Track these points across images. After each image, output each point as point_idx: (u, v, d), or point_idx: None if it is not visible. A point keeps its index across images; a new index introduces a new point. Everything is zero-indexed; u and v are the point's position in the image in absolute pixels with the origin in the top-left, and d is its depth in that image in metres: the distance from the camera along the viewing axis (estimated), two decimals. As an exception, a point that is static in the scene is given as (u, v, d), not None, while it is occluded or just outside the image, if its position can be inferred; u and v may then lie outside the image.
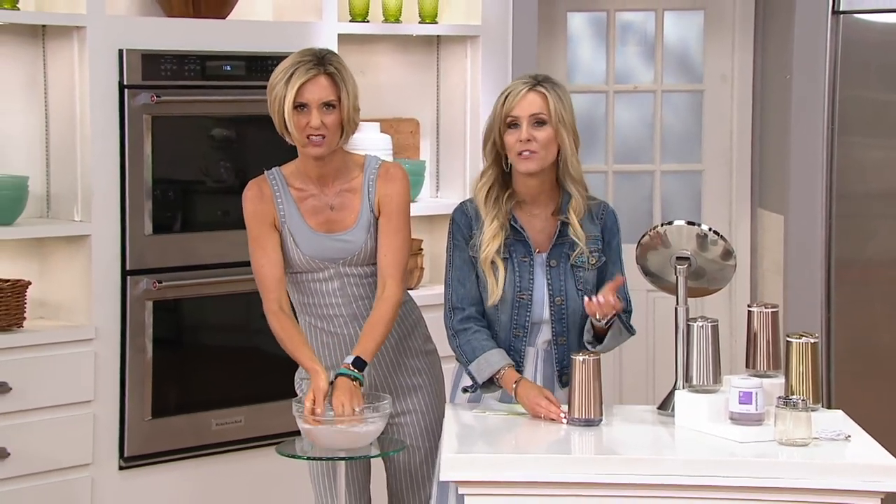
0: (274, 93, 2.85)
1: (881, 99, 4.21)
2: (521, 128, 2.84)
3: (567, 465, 2.54)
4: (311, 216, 2.91)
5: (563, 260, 2.88)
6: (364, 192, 2.93)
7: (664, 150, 4.80)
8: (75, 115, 3.53)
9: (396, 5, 4.09)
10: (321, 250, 2.90)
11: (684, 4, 4.76)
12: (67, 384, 3.47)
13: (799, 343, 2.72)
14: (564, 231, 2.89)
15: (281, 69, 2.85)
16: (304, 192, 2.93)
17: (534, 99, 2.84)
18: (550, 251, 2.89)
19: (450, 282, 2.92)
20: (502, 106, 2.85)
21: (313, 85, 2.83)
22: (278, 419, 3.70)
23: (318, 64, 2.85)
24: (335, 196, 2.93)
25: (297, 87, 2.81)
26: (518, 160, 2.85)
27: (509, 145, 2.85)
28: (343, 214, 2.92)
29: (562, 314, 2.87)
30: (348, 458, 3.09)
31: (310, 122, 2.83)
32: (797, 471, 2.50)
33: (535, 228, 2.90)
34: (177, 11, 3.71)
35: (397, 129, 4.23)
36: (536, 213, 2.90)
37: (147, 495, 3.62)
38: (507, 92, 2.86)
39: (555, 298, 2.87)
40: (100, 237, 3.53)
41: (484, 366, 2.84)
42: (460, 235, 2.92)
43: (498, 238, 2.85)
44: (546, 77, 2.90)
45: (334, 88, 2.86)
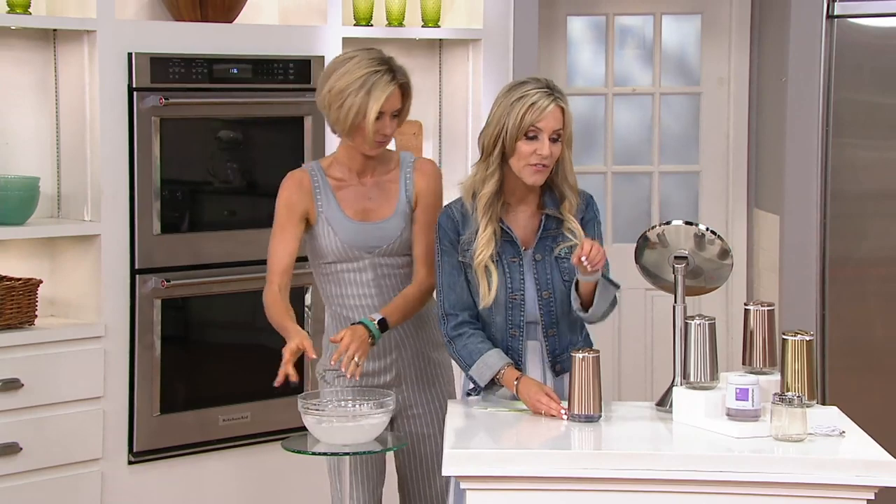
0: (349, 101, 2.93)
1: (874, 101, 4.25)
2: (542, 141, 2.82)
3: (567, 461, 2.57)
4: (348, 205, 3.01)
5: (548, 253, 2.90)
6: (402, 183, 3.04)
7: (662, 152, 4.84)
8: (85, 118, 3.57)
9: (400, 9, 4.13)
10: (358, 238, 3.00)
11: (682, 8, 4.80)
12: (78, 381, 3.51)
13: (794, 340, 2.72)
14: (548, 225, 2.91)
15: (354, 77, 2.94)
16: (343, 182, 3.03)
17: (558, 115, 2.83)
18: (535, 246, 2.91)
19: (441, 288, 2.95)
20: (524, 115, 2.81)
21: (392, 97, 2.97)
22: (284, 415, 3.75)
23: (394, 77, 2.97)
24: (373, 186, 3.03)
25: (381, 101, 2.93)
26: (528, 171, 2.84)
27: (523, 154, 2.83)
28: (380, 203, 3.03)
29: (550, 307, 2.89)
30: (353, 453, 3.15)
31: (383, 129, 2.96)
32: (793, 466, 2.53)
33: (519, 225, 2.92)
34: (185, 16, 3.75)
35: (400, 130, 4.23)
36: (521, 210, 2.92)
37: (155, 490, 3.66)
38: (531, 102, 2.81)
39: (542, 292, 2.89)
40: (109, 237, 3.57)
41: (483, 368, 2.87)
42: (447, 241, 2.93)
43: (492, 243, 2.86)
44: (555, 84, 2.88)
45: (404, 99, 3.00)
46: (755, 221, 4.69)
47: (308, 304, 3.90)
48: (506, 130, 2.84)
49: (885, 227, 4.28)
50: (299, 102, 3.85)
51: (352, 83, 2.94)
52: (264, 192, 3.90)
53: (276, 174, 3.88)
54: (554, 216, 2.92)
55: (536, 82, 2.87)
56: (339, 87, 2.94)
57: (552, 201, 2.93)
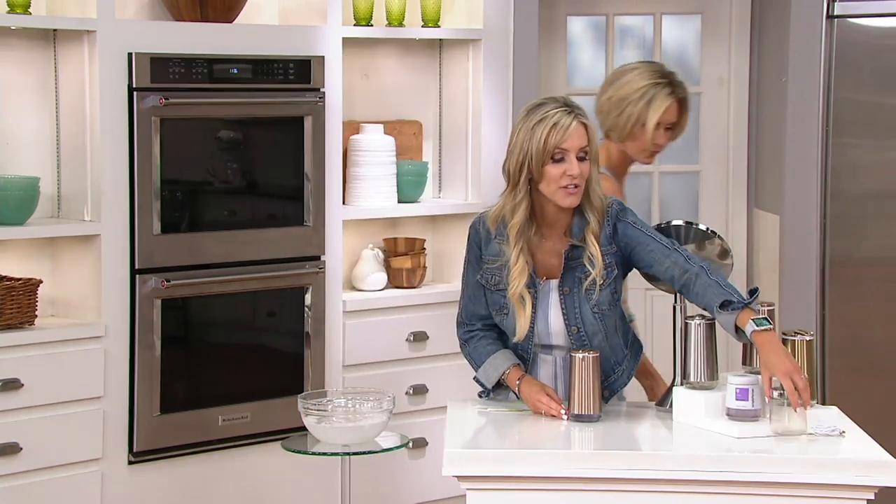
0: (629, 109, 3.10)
1: (874, 101, 4.26)
2: (570, 161, 2.73)
3: (567, 461, 2.57)
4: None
5: (576, 285, 2.81)
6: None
7: (662, 152, 4.84)
8: (85, 118, 3.57)
9: (400, 9, 4.14)
10: None
11: (682, 8, 4.81)
12: (78, 381, 3.51)
13: (794, 341, 2.73)
14: (576, 254, 2.80)
15: (635, 87, 3.09)
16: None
17: (582, 132, 2.74)
18: (563, 277, 2.82)
19: (462, 295, 2.94)
20: (548, 137, 2.71)
21: (670, 110, 3.13)
22: (284, 415, 3.75)
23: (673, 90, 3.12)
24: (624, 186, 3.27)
25: (660, 112, 3.09)
26: (561, 194, 2.74)
27: (552, 178, 2.73)
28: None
29: (583, 340, 2.84)
30: (353, 453, 3.16)
31: (658, 139, 3.13)
32: (793, 466, 2.53)
33: (545, 251, 2.83)
34: (185, 16, 3.76)
35: (400, 130, 4.27)
36: (548, 236, 2.83)
37: (155, 489, 3.66)
38: (552, 122, 2.72)
39: (571, 328, 2.83)
40: (109, 237, 3.57)
41: (490, 370, 2.87)
42: (473, 254, 2.89)
43: (525, 273, 2.77)
44: (573, 101, 2.81)
45: (681, 114, 3.16)
46: (755, 221, 4.69)
47: (308, 305, 3.90)
48: (531, 156, 2.74)
49: (885, 227, 4.29)
50: (299, 102, 3.85)
51: (632, 93, 3.10)
52: (264, 192, 3.91)
53: (276, 174, 3.91)
54: (580, 245, 2.80)
55: (554, 102, 2.78)
56: (620, 96, 3.11)
57: (579, 225, 2.81)
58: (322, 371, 3.92)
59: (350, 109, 4.13)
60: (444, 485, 3.29)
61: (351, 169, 4.10)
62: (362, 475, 3.89)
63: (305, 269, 3.89)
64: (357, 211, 4.08)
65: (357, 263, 4.14)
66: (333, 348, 3.95)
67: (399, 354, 4.06)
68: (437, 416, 3.80)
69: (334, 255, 3.96)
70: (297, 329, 3.89)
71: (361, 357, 4.00)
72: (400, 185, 4.18)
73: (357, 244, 4.16)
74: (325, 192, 3.92)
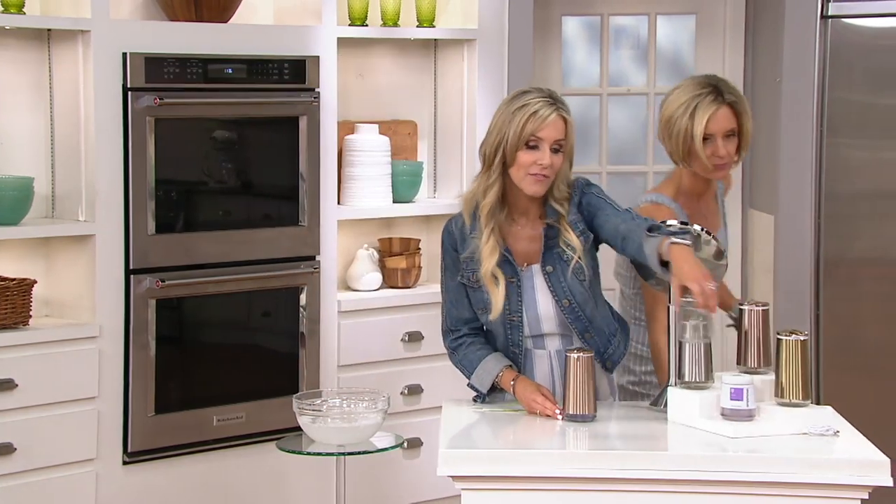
0: (676, 126, 3.02)
1: (868, 101, 4.27)
2: (543, 151, 2.80)
3: (561, 461, 2.58)
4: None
5: (558, 261, 2.88)
6: (719, 199, 3.17)
7: (657, 152, 4.85)
8: (80, 118, 3.57)
9: (394, 9, 4.14)
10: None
11: (676, 8, 4.81)
12: (72, 381, 3.51)
13: (789, 340, 2.73)
14: (550, 234, 2.88)
15: (679, 102, 3.03)
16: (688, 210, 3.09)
17: (559, 125, 2.81)
18: (543, 258, 2.88)
19: (444, 303, 2.96)
20: (525, 124, 2.79)
21: (719, 117, 3.02)
22: (279, 415, 3.75)
23: (718, 97, 3.02)
24: (707, 205, 3.14)
25: (704, 121, 2.99)
26: (529, 181, 2.82)
27: (523, 164, 2.81)
28: (711, 222, 3.11)
29: (576, 312, 2.88)
30: (348, 453, 3.16)
31: (717, 151, 3.02)
32: (787, 466, 2.54)
33: (524, 238, 2.89)
34: (179, 15, 3.75)
35: (395, 130, 4.27)
36: (524, 224, 2.90)
37: (150, 490, 3.66)
38: (532, 111, 2.79)
39: (562, 301, 2.87)
40: (104, 237, 3.57)
41: (483, 375, 2.88)
42: (449, 258, 2.93)
43: (496, 252, 2.84)
44: (558, 95, 2.86)
45: (737, 118, 3.03)
46: (750, 221, 4.70)
47: (303, 305, 3.90)
48: (506, 140, 2.81)
49: (879, 227, 4.30)
50: (294, 102, 3.85)
51: (676, 109, 3.03)
52: (259, 192, 3.91)
53: (271, 174, 3.91)
54: (555, 226, 2.88)
55: (539, 92, 2.85)
56: (667, 116, 3.05)
57: (553, 211, 2.89)
58: (317, 371, 3.92)
59: (345, 109, 4.13)
60: (439, 485, 3.29)
61: (346, 169, 4.10)
62: (357, 475, 3.89)
63: (300, 269, 3.89)
64: (352, 211, 4.08)
65: (352, 263, 4.14)
66: (328, 348, 3.95)
67: (394, 354, 4.06)
68: (432, 416, 3.80)
69: (329, 255, 3.96)
70: (291, 329, 3.89)
71: (356, 357, 4.00)
72: (395, 185, 4.18)
73: (352, 244, 4.16)
74: (319, 192, 3.92)
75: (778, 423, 2.70)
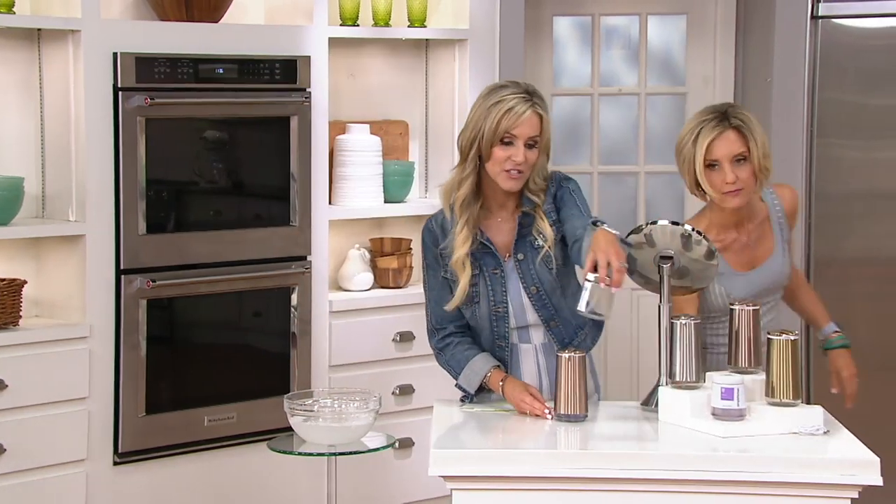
0: (682, 155, 2.99)
1: (858, 101, 4.28)
2: (518, 148, 2.82)
3: (552, 460, 2.58)
4: (733, 259, 3.04)
5: (529, 249, 2.91)
6: (773, 221, 3.09)
7: (648, 152, 4.86)
8: (70, 117, 3.56)
9: (386, 9, 4.13)
10: (749, 287, 3.03)
11: (667, 9, 4.82)
12: (62, 381, 3.50)
13: (779, 340, 2.73)
14: (524, 223, 2.91)
15: (686, 130, 2.99)
16: (724, 241, 3.04)
17: (535, 121, 2.83)
18: (515, 245, 2.91)
19: (428, 302, 2.96)
20: (500, 120, 2.80)
21: (721, 142, 2.96)
22: (270, 415, 3.75)
23: (721, 121, 2.96)
24: (753, 232, 3.07)
25: (704, 147, 2.94)
26: (504, 177, 2.85)
27: (498, 160, 2.84)
28: (762, 248, 3.06)
29: (543, 300, 2.90)
30: (339, 454, 3.16)
31: (723, 177, 2.96)
32: (777, 465, 2.55)
33: (502, 230, 2.92)
34: (170, 15, 3.75)
35: (387, 130, 4.27)
36: (502, 217, 2.93)
37: (141, 490, 3.66)
38: (507, 108, 2.81)
39: (529, 288, 2.90)
40: (94, 237, 3.56)
41: (471, 375, 2.89)
42: (431, 255, 2.94)
43: (468, 242, 2.87)
44: (534, 89, 2.89)
45: (745, 141, 2.96)
46: (740, 221, 4.70)
47: (294, 305, 3.90)
48: (482, 135, 2.83)
49: (869, 226, 4.31)
50: (285, 102, 3.85)
51: (685, 136, 3.00)
52: (250, 192, 3.90)
53: (262, 174, 3.90)
54: (530, 213, 2.92)
55: (516, 87, 2.86)
56: (678, 145, 3.01)
57: (529, 202, 2.93)
58: (308, 371, 3.91)
59: (336, 109, 4.13)
60: (431, 485, 3.30)
61: (337, 169, 4.10)
62: (348, 475, 3.89)
63: (291, 269, 3.89)
64: (343, 211, 4.08)
65: (343, 263, 4.14)
66: (320, 348, 3.95)
67: (385, 354, 4.06)
68: (424, 417, 3.80)
69: (320, 255, 3.96)
70: (283, 329, 3.88)
71: (348, 357, 4.00)
72: (386, 185, 4.18)
73: (343, 244, 4.16)
74: (311, 192, 3.91)
75: (768, 422, 2.70)
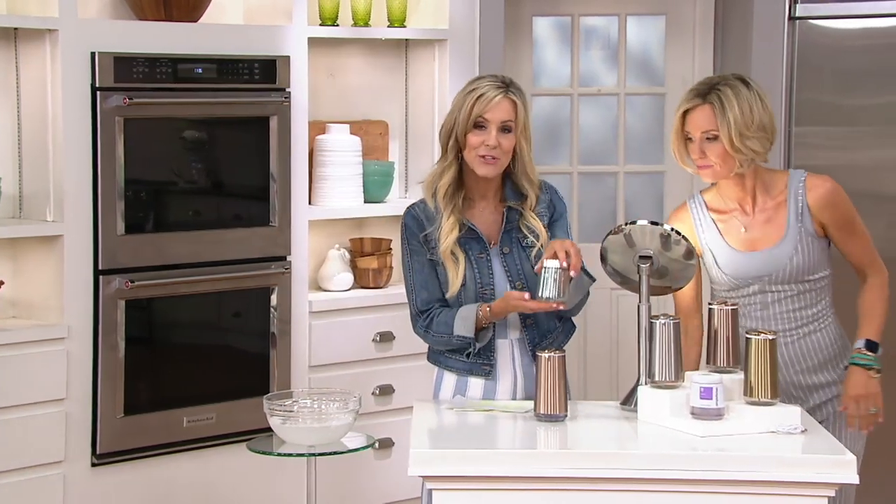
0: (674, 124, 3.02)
1: (835, 101, 4.31)
2: (490, 132, 2.89)
3: (532, 460, 2.59)
4: (731, 236, 3.01)
5: (515, 245, 2.95)
6: (791, 205, 3.00)
7: (627, 152, 4.88)
8: (48, 117, 3.54)
9: (365, 9, 4.13)
10: (743, 268, 2.99)
11: (646, 9, 4.84)
12: (40, 382, 3.48)
13: (757, 340, 2.74)
14: (511, 217, 2.96)
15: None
16: (724, 214, 3.03)
17: (506, 106, 2.90)
18: (501, 239, 2.96)
19: (412, 288, 2.97)
20: (472, 106, 2.89)
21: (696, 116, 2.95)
22: (250, 416, 3.74)
23: (697, 95, 2.97)
24: (759, 213, 3.01)
25: (680, 115, 2.98)
26: (479, 162, 2.90)
27: (472, 145, 2.90)
28: (766, 231, 3.00)
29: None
30: (319, 454, 3.15)
31: (693, 152, 2.99)
32: (755, 464, 2.56)
33: (486, 221, 2.97)
34: (148, 15, 3.73)
35: (366, 130, 4.27)
36: (484, 206, 2.98)
37: (119, 492, 3.64)
38: (479, 94, 2.89)
39: (514, 283, 2.94)
40: (72, 237, 3.54)
41: (463, 323, 2.90)
42: (415, 240, 2.96)
43: (455, 230, 2.91)
44: (511, 81, 2.95)
45: (713, 120, 2.94)
46: (719, 221, 4.72)
47: (274, 305, 3.89)
48: (458, 123, 2.91)
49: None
50: (264, 102, 3.84)
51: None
52: (229, 192, 3.89)
53: (242, 174, 3.89)
54: (516, 209, 2.96)
55: (492, 78, 2.94)
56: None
57: (514, 195, 2.97)
58: (288, 371, 3.91)
59: (316, 109, 4.12)
60: (411, 485, 3.29)
61: (317, 169, 4.09)
62: (328, 476, 3.88)
63: (271, 269, 3.89)
64: (323, 211, 4.07)
65: (323, 264, 4.13)
66: (299, 349, 3.94)
67: (365, 355, 4.06)
68: (404, 417, 3.80)
69: (300, 256, 3.95)
70: (262, 329, 3.88)
71: (327, 357, 4.00)
72: (366, 186, 4.18)
73: (323, 244, 4.15)
74: (290, 192, 3.91)
75: (747, 421, 2.72)
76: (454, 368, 2.98)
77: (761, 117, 2.94)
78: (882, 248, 4.30)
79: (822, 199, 3.01)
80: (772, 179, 3.04)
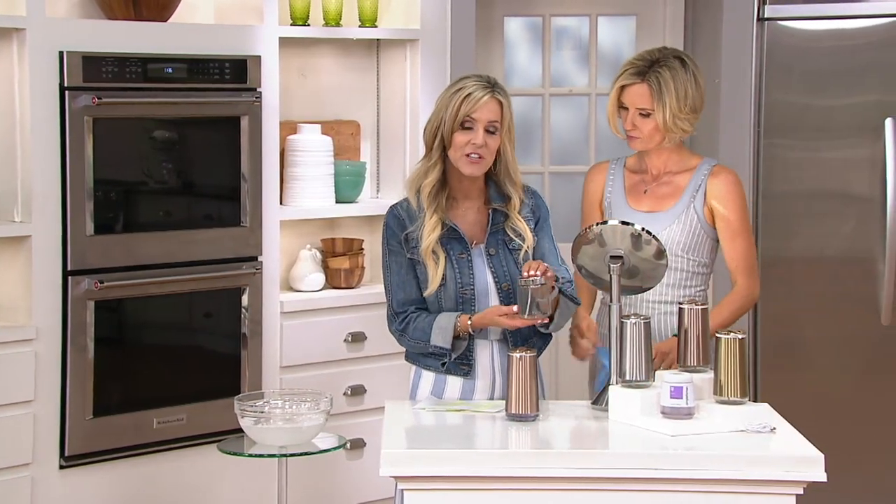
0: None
1: (804, 102, 4.34)
2: (477, 132, 2.90)
3: (504, 460, 2.60)
4: (632, 194, 3.19)
5: (501, 247, 2.97)
6: (688, 191, 3.18)
7: (599, 152, 4.89)
8: (15, 117, 3.50)
9: (336, 9, 4.12)
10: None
11: (617, 10, 4.86)
12: (8, 384, 3.45)
13: (727, 339, 2.78)
14: (497, 219, 2.98)
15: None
16: (636, 175, 3.24)
17: (493, 106, 2.92)
18: (487, 241, 2.97)
19: (390, 287, 2.97)
20: (460, 106, 2.89)
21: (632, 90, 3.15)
22: (220, 417, 3.72)
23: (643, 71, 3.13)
24: (664, 181, 3.19)
25: (618, 88, 3.15)
26: (465, 161, 2.92)
27: (458, 145, 2.91)
28: (663, 197, 3.18)
29: (510, 298, 2.93)
30: (290, 455, 3.15)
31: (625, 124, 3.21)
32: (725, 462, 2.58)
33: (469, 222, 2.98)
34: (118, 14, 3.71)
35: (338, 130, 4.26)
36: (468, 207, 2.98)
37: (88, 494, 3.61)
38: (467, 93, 2.91)
39: (501, 285, 2.95)
40: (41, 238, 3.51)
41: (440, 333, 2.90)
42: (395, 240, 2.96)
43: (437, 229, 2.92)
44: (496, 81, 2.98)
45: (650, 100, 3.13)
46: (689, 221, 4.75)
47: (245, 306, 3.88)
48: (444, 122, 2.92)
49: (814, 226, 4.36)
50: (235, 102, 3.82)
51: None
52: (200, 192, 3.87)
53: (213, 174, 3.88)
54: (501, 211, 2.97)
55: (478, 78, 2.97)
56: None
57: (498, 196, 2.99)
58: (259, 372, 3.89)
59: (287, 109, 4.11)
60: (382, 485, 3.29)
61: (288, 169, 4.08)
62: (300, 476, 3.87)
63: (242, 269, 3.87)
64: (294, 211, 4.06)
65: (294, 264, 4.12)
66: (270, 349, 3.93)
67: (337, 355, 4.05)
68: (375, 417, 3.80)
69: (271, 256, 3.94)
70: (233, 330, 3.86)
71: (299, 358, 3.99)
72: (338, 186, 4.17)
73: (294, 245, 4.14)
74: (261, 192, 3.89)
75: (716, 420, 2.74)
76: (432, 367, 2.98)
77: (694, 100, 3.18)
78: (851, 247, 4.36)
79: (718, 187, 3.20)
80: (689, 158, 3.26)
